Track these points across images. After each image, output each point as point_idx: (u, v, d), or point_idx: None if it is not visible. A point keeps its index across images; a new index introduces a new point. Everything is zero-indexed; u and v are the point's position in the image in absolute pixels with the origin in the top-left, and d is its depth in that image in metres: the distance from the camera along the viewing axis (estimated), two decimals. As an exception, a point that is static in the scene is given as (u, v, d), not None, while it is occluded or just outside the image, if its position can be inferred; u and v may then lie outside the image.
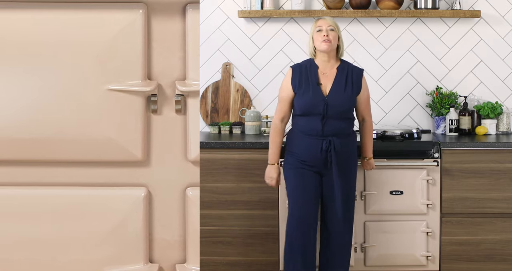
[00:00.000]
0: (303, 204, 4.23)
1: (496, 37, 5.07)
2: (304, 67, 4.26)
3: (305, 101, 4.20)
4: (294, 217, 4.24)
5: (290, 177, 4.28)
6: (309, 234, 4.24)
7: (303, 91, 4.20)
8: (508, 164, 4.58)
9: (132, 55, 3.83)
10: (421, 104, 5.15)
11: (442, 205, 4.62)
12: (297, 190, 4.24)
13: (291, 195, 4.27)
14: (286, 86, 4.26)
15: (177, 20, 3.88)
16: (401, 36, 5.11)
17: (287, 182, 4.30)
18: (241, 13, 5.02)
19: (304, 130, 4.22)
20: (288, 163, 4.29)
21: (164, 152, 3.98)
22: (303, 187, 4.23)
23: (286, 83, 4.26)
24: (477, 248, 4.64)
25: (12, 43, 3.82)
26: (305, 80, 4.22)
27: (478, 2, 5.04)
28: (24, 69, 3.84)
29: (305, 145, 4.22)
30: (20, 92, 3.85)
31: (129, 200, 3.97)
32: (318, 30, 4.21)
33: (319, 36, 4.20)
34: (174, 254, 4.08)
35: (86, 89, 3.85)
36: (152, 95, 3.89)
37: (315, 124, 4.19)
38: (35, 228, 3.98)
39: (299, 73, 4.24)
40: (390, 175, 4.60)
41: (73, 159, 3.91)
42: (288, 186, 4.29)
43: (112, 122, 3.88)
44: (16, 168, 3.98)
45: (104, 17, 3.81)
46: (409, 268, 4.66)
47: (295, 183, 4.24)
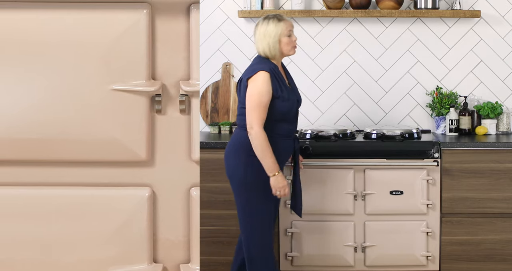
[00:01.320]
0: (269, 210, 4.15)
1: (496, 37, 5.07)
2: (274, 71, 4.04)
3: (290, 104, 4.07)
4: (269, 219, 4.16)
5: (262, 182, 4.08)
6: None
7: (287, 95, 4.05)
8: (508, 164, 4.59)
9: (136, 55, 3.83)
10: (421, 104, 5.15)
11: (442, 205, 4.62)
12: (269, 197, 4.12)
13: (269, 198, 4.11)
14: (268, 91, 3.96)
15: (181, 20, 3.88)
16: (401, 36, 5.11)
17: (258, 187, 4.10)
18: (241, 13, 5.01)
19: (284, 134, 4.11)
20: (257, 167, 4.05)
21: (168, 152, 3.98)
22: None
23: (266, 87, 3.96)
24: (477, 248, 4.65)
25: (16, 43, 3.82)
26: (281, 83, 4.06)
27: (478, 2, 5.04)
28: (28, 69, 3.84)
29: (284, 147, 4.13)
30: (25, 93, 3.85)
31: (133, 200, 3.97)
32: (289, 34, 4.04)
33: (290, 41, 4.04)
34: (178, 254, 4.08)
35: (90, 89, 3.84)
36: (156, 95, 3.89)
37: (293, 126, 4.16)
38: (39, 228, 3.98)
39: (274, 77, 4.03)
40: (390, 175, 4.60)
41: (77, 159, 3.91)
42: (258, 192, 4.09)
43: (116, 122, 3.88)
44: (20, 168, 3.97)
45: (108, 17, 3.80)
46: (409, 268, 4.66)
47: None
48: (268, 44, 4.02)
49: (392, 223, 4.64)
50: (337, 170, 4.62)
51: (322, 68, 5.15)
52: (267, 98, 3.95)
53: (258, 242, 4.11)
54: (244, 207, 4.09)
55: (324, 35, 5.14)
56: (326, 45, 5.14)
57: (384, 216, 4.63)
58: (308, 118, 5.18)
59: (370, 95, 5.15)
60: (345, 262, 4.66)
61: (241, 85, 4.04)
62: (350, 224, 4.65)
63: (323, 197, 4.62)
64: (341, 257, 4.65)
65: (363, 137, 4.78)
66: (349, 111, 5.17)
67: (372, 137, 4.72)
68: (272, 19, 4.03)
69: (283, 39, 4.02)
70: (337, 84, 5.16)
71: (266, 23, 4.03)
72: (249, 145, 3.98)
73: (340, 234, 4.65)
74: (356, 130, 5.09)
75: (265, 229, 4.10)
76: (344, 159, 4.61)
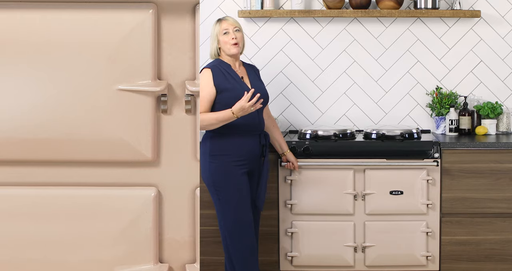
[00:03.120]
0: (241, 209, 4.20)
1: (496, 37, 5.07)
2: (218, 67, 4.19)
3: (236, 94, 4.12)
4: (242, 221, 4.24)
5: (224, 181, 4.19)
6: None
7: (232, 87, 4.17)
8: (508, 164, 4.59)
9: (142, 55, 3.82)
10: (421, 104, 5.15)
11: (442, 205, 4.62)
12: (236, 195, 4.19)
13: (229, 201, 4.18)
14: (208, 85, 4.14)
15: (187, 20, 3.87)
16: (401, 36, 5.11)
17: (222, 187, 4.19)
18: (241, 13, 5.02)
19: (243, 129, 4.18)
20: (218, 167, 4.18)
21: (174, 152, 3.97)
22: (241, 190, 4.20)
23: (207, 82, 4.13)
24: (477, 248, 4.65)
25: (22, 43, 3.81)
26: (228, 77, 4.18)
27: (478, 2, 5.04)
28: (35, 70, 3.83)
29: (241, 142, 4.19)
30: (31, 93, 3.84)
31: (139, 200, 3.96)
32: (225, 32, 4.18)
33: (227, 38, 4.18)
34: (184, 254, 4.07)
35: (96, 89, 3.84)
36: (162, 95, 3.88)
37: (253, 121, 4.20)
38: (46, 227, 3.97)
39: (220, 72, 4.18)
40: (390, 175, 4.60)
41: (83, 159, 3.90)
42: (225, 192, 4.19)
43: (122, 122, 3.87)
44: (26, 168, 3.97)
45: (114, 17, 3.80)
46: (409, 268, 4.66)
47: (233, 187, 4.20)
48: (211, 46, 4.24)
49: (392, 223, 4.64)
50: (337, 170, 4.62)
51: (322, 68, 5.15)
52: (207, 92, 4.13)
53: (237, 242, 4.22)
54: (217, 207, 4.23)
55: (324, 35, 5.14)
56: (326, 45, 5.14)
57: (384, 216, 4.64)
58: (308, 118, 5.18)
59: (370, 95, 5.15)
60: (345, 262, 4.66)
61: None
62: (350, 224, 4.65)
63: (323, 197, 4.62)
64: (341, 257, 4.66)
65: (363, 137, 4.78)
66: (349, 111, 5.17)
67: (372, 137, 4.73)
68: (215, 22, 4.23)
69: (220, 38, 4.20)
70: (337, 84, 5.16)
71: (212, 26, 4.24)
72: (207, 146, 4.17)
73: (340, 234, 4.65)
74: (356, 130, 5.09)
75: (237, 230, 4.21)
76: (344, 159, 4.61)
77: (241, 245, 4.21)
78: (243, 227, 4.19)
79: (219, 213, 4.23)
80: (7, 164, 3.98)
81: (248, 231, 4.20)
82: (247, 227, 4.20)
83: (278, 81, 5.15)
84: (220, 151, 4.17)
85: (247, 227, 4.20)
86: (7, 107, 3.86)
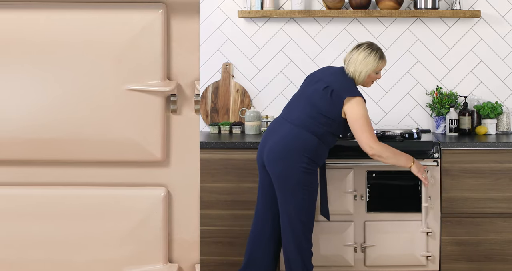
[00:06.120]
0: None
1: (496, 37, 5.08)
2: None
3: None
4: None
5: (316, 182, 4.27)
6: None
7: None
8: (508, 164, 4.59)
9: (151, 55, 3.81)
10: (421, 104, 5.15)
11: (442, 205, 4.62)
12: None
13: (314, 199, 4.27)
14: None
15: (197, 20, 3.86)
16: (401, 36, 5.12)
17: (315, 187, 4.26)
18: (241, 13, 5.01)
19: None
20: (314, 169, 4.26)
21: (183, 152, 3.96)
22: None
23: (367, 111, 4.23)
24: (476, 248, 4.65)
25: (30, 43, 3.79)
26: None
27: (478, 2, 5.05)
28: (43, 70, 3.82)
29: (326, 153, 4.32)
30: (40, 93, 3.83)
31: (149, 200, 3.95)
32: (377, 72, 4.26)
33: (375, 77, 4.27)
34: (194, 254, 4.05)
35: (106, 89, 3.82)
36: (172, 95, 3.87)
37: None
38: (54, 228, 3.96)
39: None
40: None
41: (92, 159, 3.89)
42: (315, 191, 4.27)
43: (131, 122, 3.86)
44: (35, 168, 3.95)
45: (124, 17, 3.78)
46: (409, 268, 4.66)
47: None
48: (360, 72, 4.22)
49: (392, 223, 4.64)
50: (337, 170, 4.62)
51: (322, 68, 5.15)
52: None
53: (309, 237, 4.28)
54: (302, 206, 4.21)
55: (324, 35, 5.14)
56: (326, 45, 5.15)
57: (384, 216, 4.64)
58: (308, 118, 5.18)
59: (370, 95, 5.15)
60: (345, 262, 4.66)
61: (332, 96, 4.15)
62: (350, 224, 4.65)
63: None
64: (341, 257, 4.66)
65: (363, 137, 4.78)
66: (349, 111, 5.17)
67: (372, 137, 4.72)
68: (376, 53, 4.22)
69: (371, 74, 4.23)
70: (337, 84, 5.16)
71: (369, 52, 4.21)
72: (315, 150, 4.16)
73: (340, 234, 4.65)
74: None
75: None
76: (344, 159, 4.61)
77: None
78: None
79: (304, 210, 4.24)
80: (15, 164, 3.96)
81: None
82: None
83: (278, 81, 5.15)
84: (316, 158, 4.21)
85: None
86: (13, 107, 3.85)
